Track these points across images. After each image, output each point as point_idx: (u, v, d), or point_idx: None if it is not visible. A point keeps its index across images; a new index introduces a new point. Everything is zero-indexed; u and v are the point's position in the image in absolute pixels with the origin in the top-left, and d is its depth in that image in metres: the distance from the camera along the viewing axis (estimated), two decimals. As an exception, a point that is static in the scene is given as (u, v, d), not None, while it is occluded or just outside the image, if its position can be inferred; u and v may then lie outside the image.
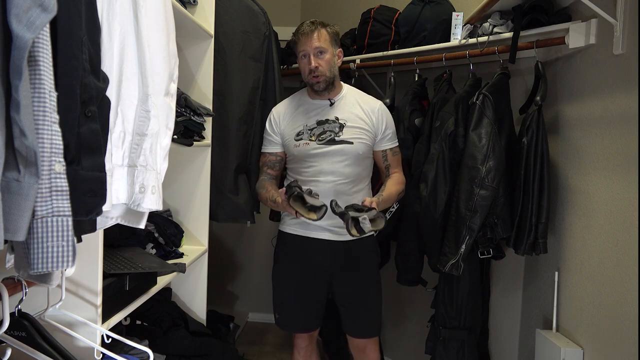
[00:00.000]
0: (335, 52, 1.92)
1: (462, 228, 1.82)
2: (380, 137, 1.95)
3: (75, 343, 1.21)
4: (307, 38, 1.86)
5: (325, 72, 1.88)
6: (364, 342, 2.01)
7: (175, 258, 1.98)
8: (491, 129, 1.81)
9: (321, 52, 1.87)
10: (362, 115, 1.93)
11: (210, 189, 2.20)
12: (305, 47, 1.87)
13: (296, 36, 1.90)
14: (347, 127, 1.90)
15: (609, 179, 1.54)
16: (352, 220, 1.60)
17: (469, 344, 2.00)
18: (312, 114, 1.95)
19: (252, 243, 3.53)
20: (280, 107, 2.05)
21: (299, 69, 1.96)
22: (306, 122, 1.94)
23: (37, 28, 0.69)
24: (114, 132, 1.08)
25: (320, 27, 1.87)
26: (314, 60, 1.86)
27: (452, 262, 1.85)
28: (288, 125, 1.97)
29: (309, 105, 1.97)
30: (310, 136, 1.91)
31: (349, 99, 1.97)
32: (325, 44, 1.87)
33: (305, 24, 1.89)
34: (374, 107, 1.95)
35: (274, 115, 2.03)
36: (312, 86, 1.92)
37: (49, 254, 0.75)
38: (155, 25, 1.16)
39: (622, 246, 1.46)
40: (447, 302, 2.01)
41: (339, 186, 1.87)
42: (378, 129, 1.93)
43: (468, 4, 2.25)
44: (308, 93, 2.00)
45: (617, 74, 1.51)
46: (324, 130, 1.90)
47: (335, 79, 1.94)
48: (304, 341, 2.06)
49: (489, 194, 1.79)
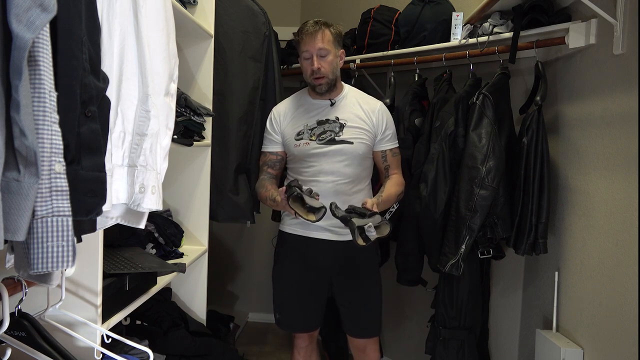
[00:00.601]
0: (337, 53, 1.91)
1: (462, 228, 1.82)
2: (380, 137, 1.94)
3: (75, 343, 1.21)
4: (310, 38, 1.85)
5: (327, 74, 1.87)
6: (364, 342, 2.01)
7: (175, 258, 1.98)
8: (491, 129, 1.81)
9: (324, 54, 1.86)
10: (363, 115, 1.93)
11: (210, 189, 2.20)
12: (309, 47, 1.86)
13: (299, 35, 1.89)
14: (347, 127, 1.90)
15: (609, 179, 1.54)
16: (358, 230, 1.59)
17: (469, 344, 2.00)
18: (312, 114, 1.94)
19: (252, 243, 3.52)
20: (281, 106, 2.04)
21: (300, 69, 1.96)
22: (307, 122, 1.93)
23: (37, 28, 0.69)
24: (114, 132, 1.08)
25: (324, 28, 1.86)
26: (317, 61, 1.85)
27: (452, 262, 1.84)
28: (289, 125, 1.96)
29: (309, 105, 1.97)
30: (310, 136, 1.91)
31: (350, 99, 1.96)
32: (328, 45, 1.86)
33: (309, 23, 1.87)
34: (375, 108, 1.95)
35: (274, 114, 2.02)
36: (314, 88, 1.91)
37: (49, 254, 0.75)
38: (155, 25, 1.16)
39: (622, 246, 1.46)
40: (447, 302, 2.01)
41: (339, 186, 1.87)
42: (378, 129, 1.93)
43: (468, 4, 2.25)
44: (309, 93, 1.99)
45: (617, 74, 1.51)
46: (324, 130, 1.90)
47: (337, 80, 1.93)
48: (304, 341, 2.06)
49: (489, 194, 1.79)
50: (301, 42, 1.88)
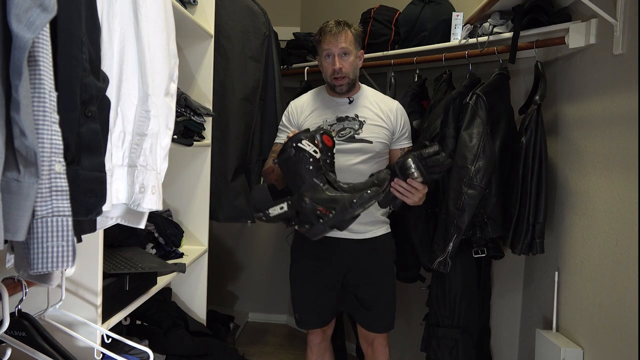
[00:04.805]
0: (357, 53, 1.91)
1: (450, 226, 1.84)
2: (398, 135, 1.95)
3: (75, 343, 1.21)
4: (333, 38, 1.84)
5: (348, 74, 1.86)
6: (373, 335, 2.02)
7: (175, 258, 1.98)
8: (483, 129, 1.82)
9: (346, 54, 1.85)
10: (381, 114, 1.93)
11: (210, 189, 2.20)
12: (331, 46, 1.84)
13: (321, 35, 1.87)
14: (366, 124, 1.90)
15: (609, 179, 1.54)
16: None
17: (464, 343, 2.00)
18: (332, 110, 1.94)
19: (252, 243, 3.52)
20: (300, 101, 2.03)
21: (320, 68, 1.94)
22: (326, 118, 1.93)
23: (37, 28, 0.69)
24: (114, 132, 1.08)
25: (347, 28, 1.85)
26: (339, 61, 1.84)
27: (440, 259, 1.86)
28: (307, 119, 1.95)
29: (328, 101, 1.96)
30: None
31: (367, 97, 1.96)
32: (350, 46, 1.85)
33: (331, 23, 1.86)
34: (392, 107, 1.95)
35: (292, 108, 2.01)
36: (334, 87, 1.90)
37: (49, 254, 0.75)
38: (155, 25, 1.16)
39: (622, 246, 1.46)
40: (439, 301, 2.02)
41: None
42: (396, 128, 1.94)
43: (468, 4, 2.25)
44: (327, 91, 1.98)
45: (617, 74, 1.51)
46: (344, 127, 1.90)
47: (356, 80, 1.94)
48: (317, 337, 2.07)
49: (476, 193, 1.80)
50: (323, 41, 1.86)
